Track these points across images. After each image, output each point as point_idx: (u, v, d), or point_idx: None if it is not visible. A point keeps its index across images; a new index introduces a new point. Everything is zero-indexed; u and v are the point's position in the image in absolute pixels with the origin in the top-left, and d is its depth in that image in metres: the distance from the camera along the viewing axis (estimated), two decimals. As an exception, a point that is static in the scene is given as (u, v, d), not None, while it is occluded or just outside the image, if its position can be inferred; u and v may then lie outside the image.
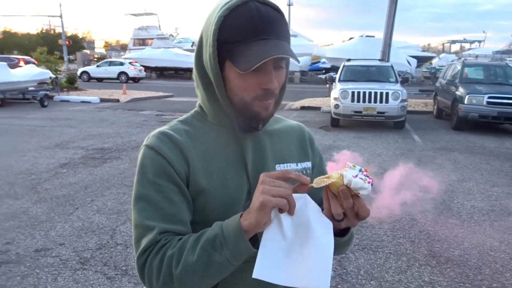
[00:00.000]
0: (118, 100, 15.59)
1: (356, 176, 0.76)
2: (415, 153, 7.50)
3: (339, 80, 10.90)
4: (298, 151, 1.03)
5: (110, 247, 3.50)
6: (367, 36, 28.62)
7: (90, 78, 27.04)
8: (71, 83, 18.65)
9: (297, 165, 1.00)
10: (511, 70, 11.62)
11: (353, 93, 9.64)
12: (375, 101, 9.55)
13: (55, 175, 5.61)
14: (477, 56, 20.94)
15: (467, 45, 57.96)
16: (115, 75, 26.86)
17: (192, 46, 35.48)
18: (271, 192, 0.74)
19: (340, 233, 0.89)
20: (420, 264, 3.32)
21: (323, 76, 28.50)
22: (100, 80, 26.96)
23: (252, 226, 0.76)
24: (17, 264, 3.17)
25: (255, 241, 0.80)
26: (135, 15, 44.43)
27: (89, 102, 15.02)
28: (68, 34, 51.45)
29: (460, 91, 10.15)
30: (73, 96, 15.95)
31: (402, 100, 9.59)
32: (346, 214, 0.81)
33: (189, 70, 32.29)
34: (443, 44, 67.18)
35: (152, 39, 40.34)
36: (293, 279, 0.76)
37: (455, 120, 10.11)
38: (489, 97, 9.50)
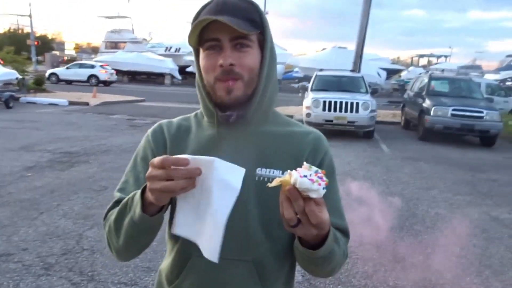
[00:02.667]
0: (87, 103, 15.25)
1: (306, 176, 0.72)
2: (383, 161, 7.69)
3: (312, 89, 11.08)
4: (291, 158, 0.96)
5: (76, 252, 3.42)
6: (339, 47, 29.22)
7: (59, 80, 26.35)
8: (39, 84, 18.15)
9: (282, 173, 0.88)
10: (475, 84, 12.17)
11: (324, 102, 9.83)
12: (346, 111, 9.76)
13: (20, 178, 5.43)
14: (443, 70, 21.75)
15: (434, 60, 60.06)
16: (85, 78, 26.27)
17: (165, 51, 35.17)
18: (153, 179, 0.76)
19: (313, 246, 0.84)
20: (386, 269, 3.41)
21: (296, 85, 28.86)
22: (69, 82, 26.31)
23: (154, 203, 0.80)
24: (-24, 270, 3.05)
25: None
26: (108, 17, 43.71)
27: (57, 105, 14.62)
28: (37, 35, 49.93)
29: (427, 103, 10.52)
30: (40, 98, 15.48)
31: (372, 111, 9.85)
32: (300, 219, 0.76)
33: (162, 75, 32.03)
34: (411, 57, 69.32)
35: (125, 42, 39.74)
36: (196, 237, 0.83)
37: (421, 131, 10.46)
38: (454, 110, 9.89)
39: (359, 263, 3.51)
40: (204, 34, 0.90)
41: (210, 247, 0.80)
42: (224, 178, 0.76)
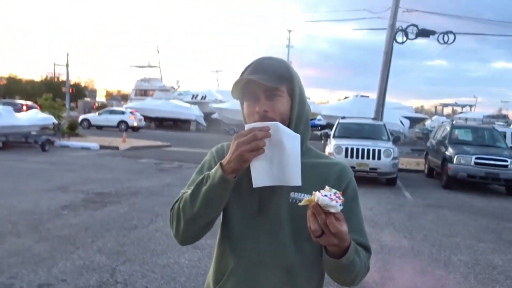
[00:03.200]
0: (117, 148, 15.91)
1: (327, 195, 0.93)
2: (406, 208, 7.73)
3: (334, 136, 11.34)
4: (319, 185, 1.08)
5: (110, 285, 3.64)
6: (361, 96, 29.66)
7: (90, 126, 27.59)
8: (72, 129, 19.08)
9: (310, 196, 1.02)
10: (498, 133, 12.17)
11: (346, 149, 10.03)
12: (368, 158, 9.92)
13: (56, 216, 5.78)
14: (466, 119, 21.72)
15: (458, 109, 59.82)
16: (115, 124, 27.44)
17: (192, 98, 36.52)
18: (243, 144, 1.04)
19: (338, 256, 1.05)
20: (407, 311, 3.48)
21: (318, 133, 29.19)
22: (100, 127, 27.50)
23: (233, 169, 1.07)
24: (20, 297, 3.30)
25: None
26: (139, 67, 46.14)
27: (89, 149, 15.32)
28: (71, 83, 52.74)
29: (450, 151, 10.58)
30: (73, 142, 16.28)
31: (394, 158, 9.97)
32: (324, 231, 0.97)
33: (188, 121, 33.07)
34: (435, 106, 69.23)
35: (154, 90, 41.56)
36: (277, 180, 1.09)
37: (445, 179, 10.45)
38: (477, 158, 9.91)
39: (380, 304, 3.59)
40: (245, 90, 1.19)
41: (293, 176, 1.07)
42: (288, 132, 1.08)
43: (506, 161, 9.85)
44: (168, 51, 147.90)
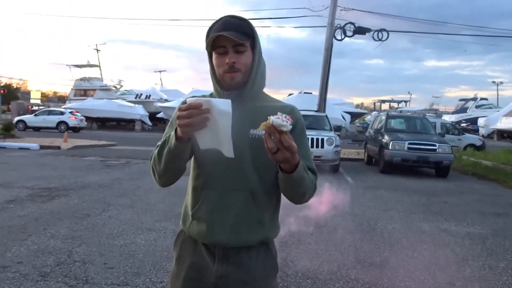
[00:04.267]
0: (59, 147, 15.34)
1: (279, 118, 1.14)
2: (347, 190, 8.30)
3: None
4: None
5: (68, 264, 3.72)
6: (305, 92, 30.64)
7: (26, 127, 26.19)
8: (8, 130, 18.11)
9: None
10: (428, 121, 13.28)
11: (292, 138, 10.48)
12: (312, 146, 10.44)
13: (2, 209, 5.64)
14: (401, 111, 23.31)
15: (395, 105, 63.42)
16: (53, 125, 26.25)
17: (136, 98, 35.75)
18: (180, 118, 1.21)
19: (290, 172, 1.27)
20: (348, 267, 3.89)
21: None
22: (37, 129, 26.19)
23: (182, 137, 1.27)
24: (-24, 279, 3.30)
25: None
26: (78, 66, 44.20)
27: (28, 149, 14.63)
28: (2, 84, 49.47)
29: (386, 138, 11.41)
30: (10, 143, 15.48)
31: (336, 146, 10.60)
32: (278, 148, 1.17)
33: (132, 121, 32.33)
34: (374, 103, 73.01)
35: (95, 89, 40.12)
36: (217, 145, 1.28)
37: (382, 164, 11.26)
38: (409, 143, 10.80)
39: (325, 264, 3.97)
40: (215, 43, 1.41)
41: (226, 148, 1.28)
42: (221, 108, 1.21)
43: (435, 145, 10.82)
44: (108, 49, 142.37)
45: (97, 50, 46.00)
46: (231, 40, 1.37)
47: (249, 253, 1.46)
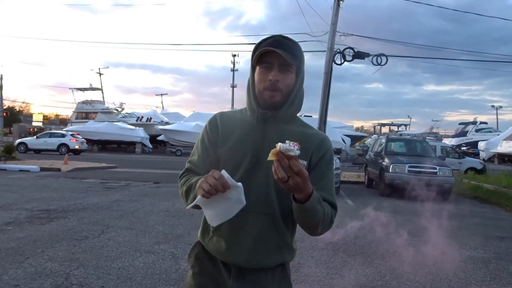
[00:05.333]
0: (59, 169, 15.32)
1: (286, 144, 1.14)
2: (347, 213, 8.24)
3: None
4: (302, 150, 1.22)
5: (65, 287, 3.66)
6: (305, 115, 30.79)
7: (27, 149, 26.23)
8: (9, 152, 18.12)
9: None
10: (427, 144, 13.31)
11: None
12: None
13: (0, 231, 5.60)
14: (401, 134, 23.40)
15: (395, 128, 63.69)
16: (54, 147, 26.32)
17: (137, 121, 35.94)
18: (205, 183, 1.24)
19: (302, 202, 1.25)
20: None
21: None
22: (38, 152, 26.21)
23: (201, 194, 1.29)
24: (-29, 302, 3.24)
25: None
26: (80, 89, 44.57)
27: (28, 171, 14.62)
28: (5, 106, 49.80)
29: (386, 161, 11.42)
30: (10, 165, 15.48)
31: (336, 168, 10.58)
32: (289, 175, 1.16)
33: (133, 143, 32.39)
34: (374, 126, 73.25)
35: (96, 112, 40.33)
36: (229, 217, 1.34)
37: (382, 187, 11.22)
38: (410, 166, 10.79)
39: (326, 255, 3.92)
40: (262, 58, 1.40)
41: (218, 220, 1.36)
42: (240, 198, 1.30)
43: (435, 168, 10.81)
44: (110, 72, 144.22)
45: (100, 74, 46.48)
46: (280, 58, 1.36)
47: (265, 273, 1.45)
